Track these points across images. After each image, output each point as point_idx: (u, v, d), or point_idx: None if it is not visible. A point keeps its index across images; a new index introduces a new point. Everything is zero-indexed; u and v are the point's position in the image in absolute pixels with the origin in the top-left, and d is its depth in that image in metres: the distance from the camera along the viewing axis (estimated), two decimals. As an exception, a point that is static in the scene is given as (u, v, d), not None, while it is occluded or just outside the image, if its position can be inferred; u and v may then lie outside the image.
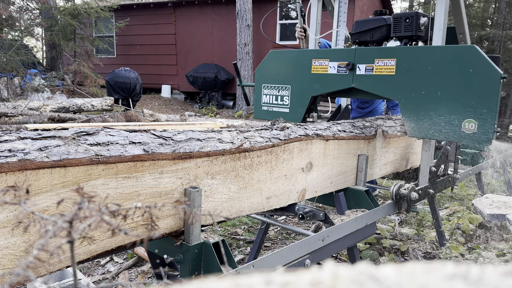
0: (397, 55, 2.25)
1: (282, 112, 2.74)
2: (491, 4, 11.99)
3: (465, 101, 2.03)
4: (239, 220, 3.89)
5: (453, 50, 2.07)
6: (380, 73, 2.31)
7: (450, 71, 2.06)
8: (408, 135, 2.26)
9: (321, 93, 2.60)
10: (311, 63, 2.60)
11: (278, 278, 0.34)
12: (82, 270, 2.91)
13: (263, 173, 1.78)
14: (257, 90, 2.89)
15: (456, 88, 2.04)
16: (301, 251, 1.73)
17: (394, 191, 2.29)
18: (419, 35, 2.43)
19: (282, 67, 2.76)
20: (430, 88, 2.13)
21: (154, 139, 1.41)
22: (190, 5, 13.72)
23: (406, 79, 2.21)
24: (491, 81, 1.95)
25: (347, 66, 2.42)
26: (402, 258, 3.22)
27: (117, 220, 0.54)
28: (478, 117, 1.99)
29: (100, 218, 0.51)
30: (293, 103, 2.70)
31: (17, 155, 1.04)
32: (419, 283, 0.32)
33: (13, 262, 1.05)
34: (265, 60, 2.84)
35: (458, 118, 2.06)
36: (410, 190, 2.28)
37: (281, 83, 2.75)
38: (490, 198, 3.94)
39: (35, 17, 13.06)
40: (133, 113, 7.32)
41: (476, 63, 1.98)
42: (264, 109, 2.86)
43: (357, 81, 2.41)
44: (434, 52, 2.13)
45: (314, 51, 2.69)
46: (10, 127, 4.93)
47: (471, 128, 2.02)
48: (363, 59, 2.38)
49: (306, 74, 2.62)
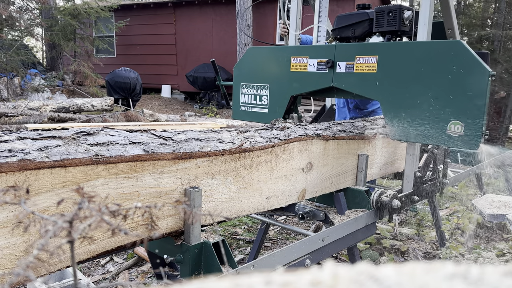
0: (378, 52, 2.10)
1: (261, 112, 2.60)
2: (491, 4, 11.99)
3: (450, 101, 1.88)
4: (239, 220, 3.89)
5: (437, 46, 1.92)
6: (361, 71, 2.16)
7: (435, 69, 1.91)
8: (391, 138, 2.11)
9: (300, 93, 2.46)
10: (290, 60, 2.44)
11: (278, 278, 0.34)
12: (82, 270, 2.91)
13: (263, 173, 1.78)
14: (235, 89, 2.74)
15: (441, 87, 1.90)
16: (301, 251, 1.73)
17: (375, 199, 2.12)
18: (403, 30, 2.28)
19: (260, 65, 2.60)
20: (413, 87, 1.98)
21: (154, 139, 1.41)
22: (190, 5, 13.72)
23: (388, 78, 2.06)
24: (478, 79, 1.80)
25: (326, 64, 2.27)
26: (402, 258, 3.23)
27: (117, 220, 0.55)
28: (465, 118, 1.84)
29: (100, 218, 0.51)
30: (272, 103, 2.54)
31: (17, 155, 1.04)
32: (419, 283, 0.32)
33: (13, 262, 1.05)
34: (243, 58, 2.68)
35: (443, 120, 1.91)
36: (392, 198, 2.11)
37: (259, 82, 2.60)
38: (490, 198, 3.94)
39: (35, 17, 13.07)
40: (133, 113, 7.32)
41: (462, 60, 1.83)
42: (243, 110, 2.71)
43: (337, 79, 2.26)
44: (417, 48, 1.98)
45: (293, 48, 2.51)
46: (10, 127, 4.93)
47: (457, 130, 1.87)
48: (344, 56, 2.23)
49: (285, 72, 2.47)
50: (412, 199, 2.29)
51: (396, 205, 2.09)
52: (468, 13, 11.80)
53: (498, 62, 10.20)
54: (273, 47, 2.66)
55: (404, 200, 2.21)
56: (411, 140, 2.04)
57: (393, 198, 2.12)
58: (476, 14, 11.74)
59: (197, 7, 13.69)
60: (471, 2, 12.69)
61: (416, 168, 2.29)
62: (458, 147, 1.88)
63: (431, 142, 1.97)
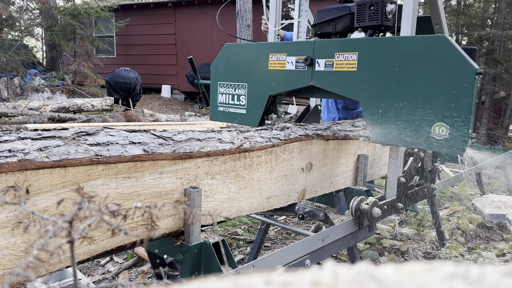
0: (358, 48, 1.95)
1: (239, 113, 2.44)
2: (491, 4, 11.99)
3: (434, 102, 1.73)
4: (239, 220, 3.90)
5: (420, 41, 1.77)
6: (340, 69, 2.01)
7: (417, 66, 1.77)
8: (372, 141, 1.97)
9: (279, 92, 2.31)
10: (268, 58, 2.29)
11: (278, 278, 0.34)
12: (82, 270, 2.91)
13: (263, 173, 1.78)
14: (213, 88, 2.58)
15: (424, 86, 1.75)
16: (301, 251, 1.73)
17: (354, 206, 1.97)
18: (386, 24, 2.12)
19: (238, 63, 2.43)
20: (395, 86, 1.84)
21: (154, 139, 1.41)
22: (190, 5, 13.72)
23: (368, 76, 1.92)
24: (464, 78, 1.65)
25: (305, 62, 2.11)
26: (402, 258, 3.23)
27: (117, 220, 0.55)
28: (450, 120, 1.69)
29: (100, 218, 0.51)
30: (250, 103, 2.38)
31: (17, 155, 1.04)
32: (419, 283, 0.32)
33: (13, 262, 1.05)
34: (220, 55, 2.51)
35: (427, 122, 1.75)
36: (372, 206, 1.96)
37: (237, 81, 2.43)
38: (490, 198, 3.94)
39: (35, 17, 13.07)
40: (133, 113, 7.32)
41: (447, 56, 1.69)
42: (220, 110, 2.54)
43: (316, 78, 2.10)
44: (398, 43, 1.83)
45: (270, 45, 2.35)
46: (10, 127, 4.93)
47: (442, 133, 1.72)
48: (323, 53, 2.07)
49: (263, 70, 2.31)
50: (396, 207, 2.12)
51: (377, 213, 1.94)
52: (468, 13, 11.80)
53: (498, 62, 10.19)
54: (250, 43, 2.51)
55: (386, 208, 2.05)
56: (393, 143, 1.89)
57: (374, 206, 1.96)
58: (476, 14, 11.74)
59: (197, 7, 13.70)
60: (471, 2, 12.69)
61: (400, 173, 2.13)
62: (443, 151, 1.74)
63: (414, 145, 1.82)
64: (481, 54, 10.84)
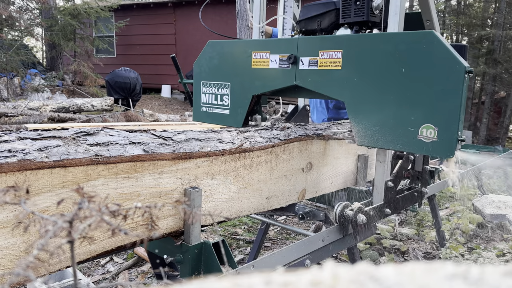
0: (343, 46, 1.85)
1: (222, 114, 2.34)
2: (491, 4, 11.99)
3: (422, 102, 1.63)
4: (239, 220, 3.90)
5: (406, 38, 1.68)
6: (325, 68, 1.91)
7: (404, 64, 1.67)
8: (357, 144, 1.87)
9: (262, 92, 2.19)
10: (252, 56, 2.18)
11: (278, 278, 0.34)
12: (82, 270, 2.91)
13: (263, 173, 1.78)
14: (196, 88, 2.46)
15: (411, 85, 1.66)
16: (301, 251, 1.73)
17: (338, 213, 1.87)
18: (373, 20, 2.02)
19: (221, 61, 2.33)
20: (381, 85, 1.74)
21: (154, 139, 1.41)
22: (190, 5, 13.73)
23: (353, 75, 1.82)
24: (453, 76, 1.56)
25: (288, 60, 2.02)
26: (402, 258, 3.23)
27: (117, 220, 0.55)
28: (438, 122, 1.60)
29: (100, 218, 0.51)
30: (233, 104, 2.28)
31: (17, 155, 1.04)
32: (419, 283, 0.32)
33: (13, 262, 1.05)
34: (203, 52, 2.40)
35: (414, 123, 1.66)
36: (357, 212, 1.86)
37: (220, 80, 2.33)
38: (490, 198, 3.94)
39: (35, 17, 13.08)
40: (133, 113, 7.32)
41: (435, 53, 1.59)
42: (204, 111, 2.43)
43: (300, 77, 2.00)
44: (384, 40, 1.73)
45: (253, 42, 2.23)
46: (10, 127, 4.93)
47: (429, 135, 1.63)
48: (307, 51, 1.97)
49: (247, 69, 2.20)
50: (384, 212, 2.02)
51: (361, 220, 1.84)
52: (468, 13, 11.81)
53: (498, 62, 10.20)
54: (233, 40, 2.39)
55: (372, 214, 1.94)
56: (379, 146, 1.79)
57: (358, 212, 1.86)
58: (476, 14, 11.74)
59: (197, 7, 13.69)
60: (471, 2, 12.69)
61: (387, 177, 2.03)
62: (431, 154, 1.67)
63: (400, 148, 1.72)
64: (481, 54, 10.84)
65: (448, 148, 1.59)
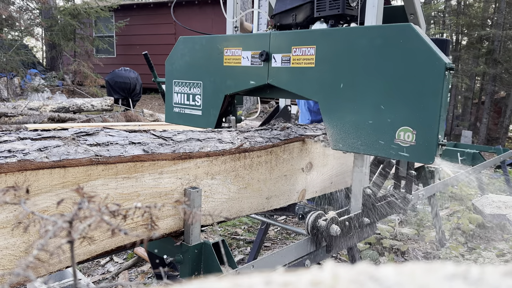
0: (316, 41, 1.70)
1: (194, 115, 2.21)
2: (491, 4, 11.99)
3: (399, 102, 1.49)
4: (239, 220, 3.90)
5: (381, 31, 1.54)
6: (298, 65, 1.77)
7: (380, 60, 1.53)
8: (332, 148, 1.72)
9: (235, 92, 2.05)
10: (223, 53, 2.04)
11: (278, 278, 0.34)
12: (82, 270, 2.91)
13: (263, 173, 1.78)
14: (168, 87, 2.33)
15: (388, 83, 1.51)
16: (301, 251, 1.73)
17: (310, 223, 1.72)
18: (350, 14, 1.87)
19: (193, 58, 2.19)
20: (356, 84, 1.60)
21: (154, 139, 1.41)
22: (190, 5, 13.73)
23: (327, 73, 1.68)
24: (432, 73, 1.41)
25: (260, 57, 1.87)
26: (402, 258, 3.23)
27: (117, 220, 0.54)
28: (416, 124, 1.46)
29: (100, 218, 0.51)
30: (206, 104, 2.15)
31: (16, 156, 1.04)
32: (419, 283, 0.32)
33: (13, 262, 1.05)
34: (174, 49, 2.26)
35: (391, 126, 1.51)
36: (330, 222, 1.71)
37: (192, 79, 2.19)
38: (490, 198, 3.94)
39: (35, 17, 13.08)
40: (133, 113, 7.32)
41: (412, 48, 1.45)
42: (176, 111, 2.30)
43: (273, 76, 1.86)
44: (358, 34, 1.59)
45: (225, 38, 2.07)
46: (10, 127, 4.93)
47: (407, 139, 1.48)
48: (279, 47, 1.83)
49: (218, 67, 2.07)
50: (362, 222, 1.89)
51: (335, 231, 1.70)
52: (468, 13, 11.81)
53: (498, 62, 10.20)
54: (204, 36, 2.20)
55: (348, 224, 1.81)
56: (354, 150, 1.65)
57: (332, 223, 1.71)
58: (476, 14, 11.74)
59: (197, 7, 13.70)
60: (471, 2, 12.69)
61: (366, 184, 1.89)
62: (409, 159, 1.51)
63: (377, 153, 1.58)
64: (481, 54, 10.84)
65: (428, 154, 1.45)
